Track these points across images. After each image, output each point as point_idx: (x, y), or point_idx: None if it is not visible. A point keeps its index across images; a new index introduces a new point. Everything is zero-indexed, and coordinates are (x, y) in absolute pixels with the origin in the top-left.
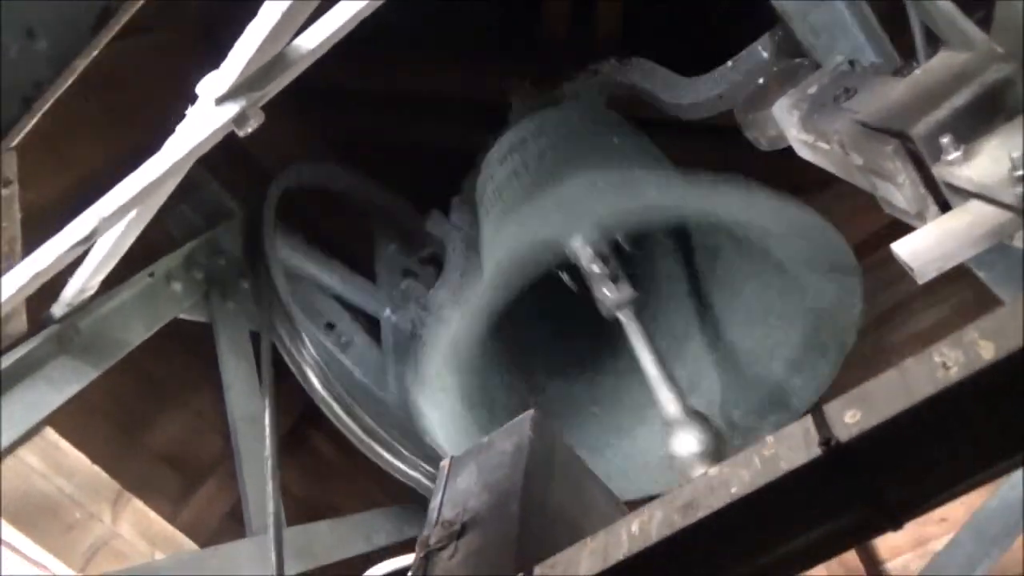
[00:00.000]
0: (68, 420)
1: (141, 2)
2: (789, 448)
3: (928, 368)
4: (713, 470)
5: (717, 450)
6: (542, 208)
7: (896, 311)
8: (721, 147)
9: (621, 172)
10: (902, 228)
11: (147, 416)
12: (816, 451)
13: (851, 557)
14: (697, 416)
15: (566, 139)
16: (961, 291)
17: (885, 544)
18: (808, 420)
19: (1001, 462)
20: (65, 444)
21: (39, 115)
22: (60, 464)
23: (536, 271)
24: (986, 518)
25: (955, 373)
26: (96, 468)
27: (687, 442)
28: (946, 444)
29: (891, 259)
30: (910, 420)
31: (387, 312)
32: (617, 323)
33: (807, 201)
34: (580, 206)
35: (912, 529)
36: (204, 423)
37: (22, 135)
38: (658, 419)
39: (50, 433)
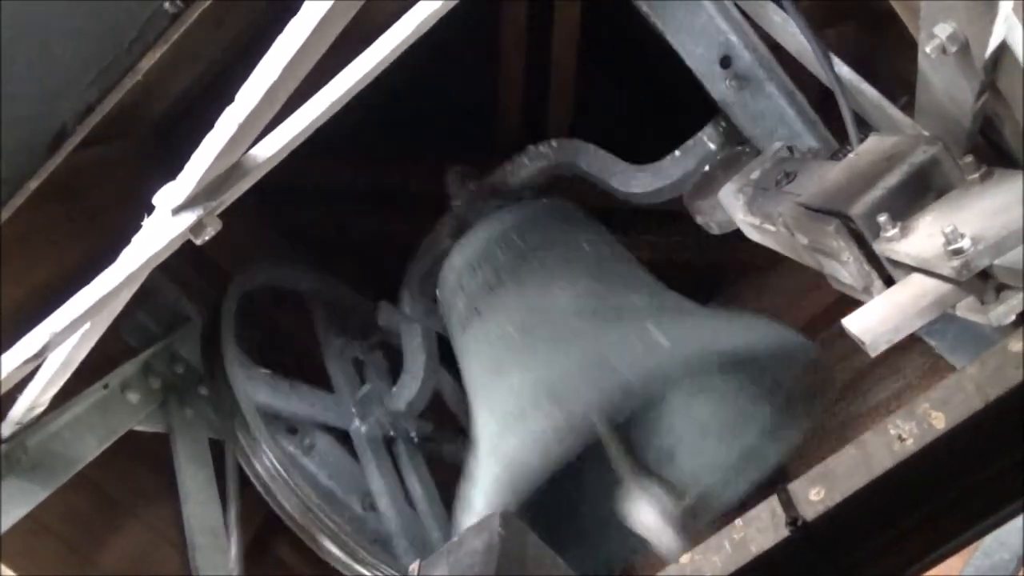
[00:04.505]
0: (14, 545)
1: (96, 119)
2: (758, 530)
3: (885, 441)
4: (684, 557)
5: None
6: (557, 397)
7: (853, 384)
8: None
9: (631, 339)
10: (852, 303)
11: (100, 535)
12: (784, 532)
13: None
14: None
15: (538, 250)
16: (915, 360)
17: None
18: (774, 500)
19: (967, 531)
20: (10, 573)
21: None
22: None
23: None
24: None
25: (911, 444)
26: None
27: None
28: (912, 515)
29: (844, 334)
30: (873, 493)
31: (355, 424)
32: None
33: (758, 280)
34: (597, 391)
35: None
36: (160, 538)
37: None
38: None
39: None
